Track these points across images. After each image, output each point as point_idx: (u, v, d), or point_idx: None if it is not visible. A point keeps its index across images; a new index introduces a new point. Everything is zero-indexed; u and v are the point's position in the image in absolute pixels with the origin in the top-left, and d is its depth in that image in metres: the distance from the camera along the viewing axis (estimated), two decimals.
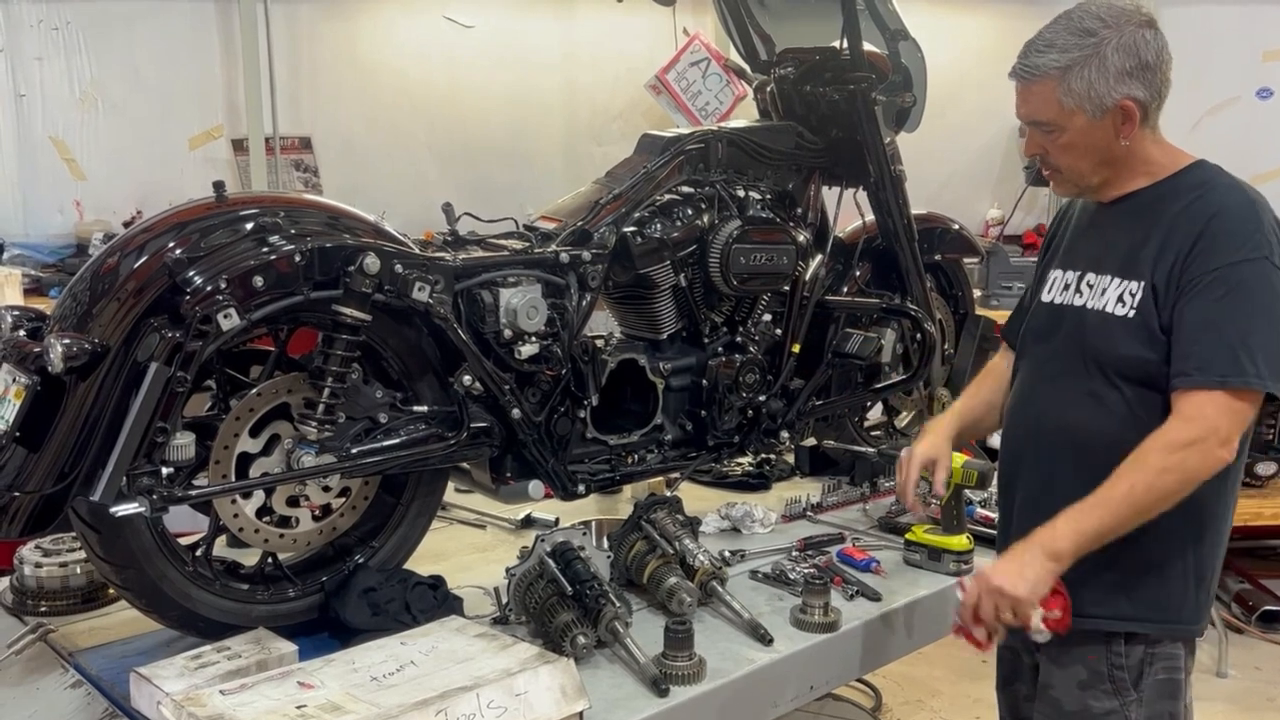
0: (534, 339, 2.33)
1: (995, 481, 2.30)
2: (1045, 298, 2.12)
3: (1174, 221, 1.92)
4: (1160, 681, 2.01)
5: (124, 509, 1.90)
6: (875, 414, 3.38)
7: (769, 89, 2.95)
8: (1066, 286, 2.07)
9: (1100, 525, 1.87)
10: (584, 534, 2.28)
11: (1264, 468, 4.86)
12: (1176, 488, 1.85)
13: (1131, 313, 1.93)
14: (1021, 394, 2.15)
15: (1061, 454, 2.03)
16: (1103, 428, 1.97)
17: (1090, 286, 2.01)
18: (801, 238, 2.77)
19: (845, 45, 2.76)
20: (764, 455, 3.16)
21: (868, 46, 2.81)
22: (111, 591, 2.35)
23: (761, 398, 2.77)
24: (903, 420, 3.40)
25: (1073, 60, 1.89)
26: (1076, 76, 1.89)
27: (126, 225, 3.72)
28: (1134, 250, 1.95)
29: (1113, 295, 1.96)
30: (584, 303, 2.45)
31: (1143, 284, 1.92)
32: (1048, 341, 2.08)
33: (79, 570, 2.39)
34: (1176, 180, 1.97)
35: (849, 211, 2.99)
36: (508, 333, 2.30)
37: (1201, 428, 1.83)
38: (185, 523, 2.21)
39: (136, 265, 1.94)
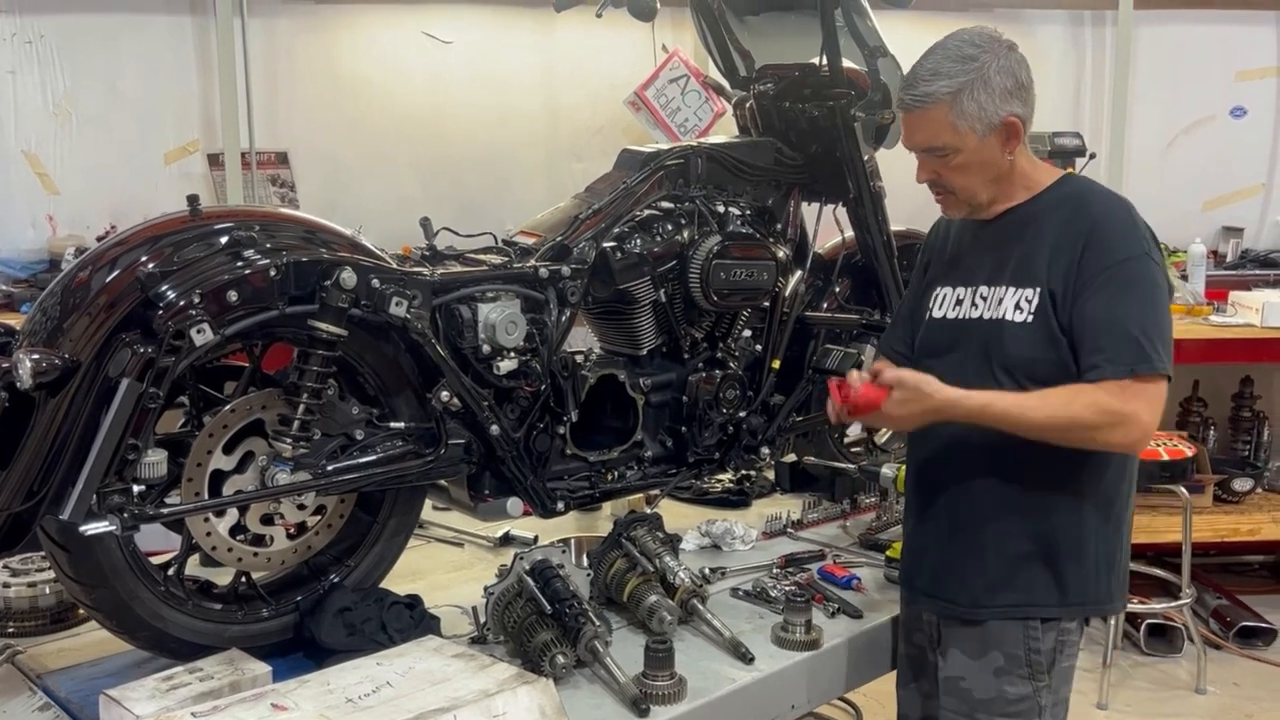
0: (513, 354, 2.31)
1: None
2: (937, 314, 2.23)
3: (1060, 230, 2.08)
4: (1065, 669, 2.17)
5: (94, 527, 1.87)
6: (855, 430, 3.37)
7: (748, 105, 2.95)
8: (959, 302, 2.19)
9: (1003, 418, 2.01)
10: (563, 552, 2.26)
11: (1240, 484, 4.89)
12: (1081, 440, 2.01)
13: (1030, 318, 2.07)
14: None
15: (979, 457, 2.13)
16: None
17: (984, 299, 2.15)
18: (781, 253, 2.77)
19: (824, 62, 2.77)
20: (744, 472, 3.15)
21: (847, 63, 2.82)
22: (81, 612, 2.31)
23: (742, 414, 2.76)
24: (882, 437, 3.40)
25: (961, 84, 2.03)
26: (967, 98, 2.03)
27: (100, 240, 3.69)
28: (1026, 260, 2.10)
29: (1010, 304, 2.10)
30: (563, 318, 2.43)
31: (1039, 290, 2.07)
32: (948, 355, 2.18)
33: (48, 590, 2.36)
34: (1052, 192, 2.14)
35: (829, 227, 2.99)
36: (486, 348, 2.28)
37: (1127, 408, 1.96)
38: (157, 541, 2.18)
39: (108, 279, 1.91)
